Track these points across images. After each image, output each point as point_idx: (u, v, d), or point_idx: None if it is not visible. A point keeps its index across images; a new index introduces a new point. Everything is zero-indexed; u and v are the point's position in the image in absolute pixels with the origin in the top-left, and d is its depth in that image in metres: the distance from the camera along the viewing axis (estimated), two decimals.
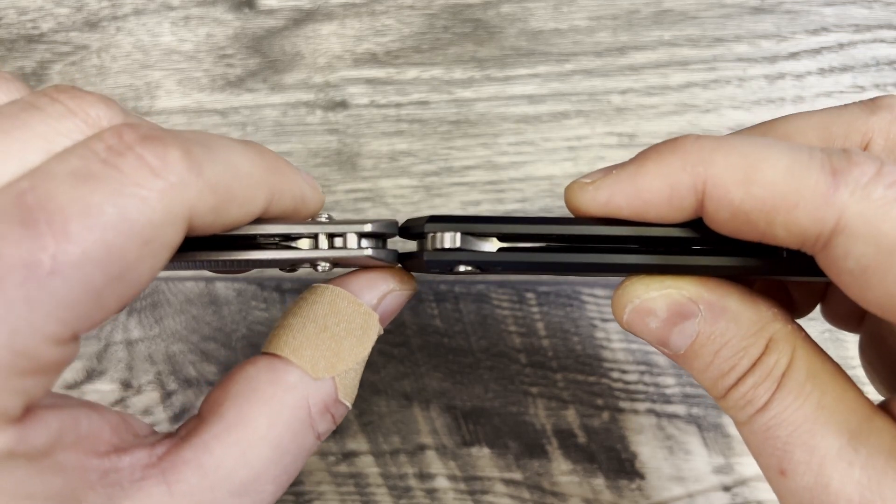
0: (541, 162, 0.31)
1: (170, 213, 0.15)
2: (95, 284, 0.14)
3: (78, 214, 0.14)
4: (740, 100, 0.30)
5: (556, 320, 0.32)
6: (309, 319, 0.19)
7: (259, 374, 0.19)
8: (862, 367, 0.24)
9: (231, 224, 0.17)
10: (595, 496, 0.32)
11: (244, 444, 0.18)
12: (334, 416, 0.19)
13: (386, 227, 0.20)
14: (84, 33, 0.34)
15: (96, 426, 0.17)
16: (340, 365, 0.19)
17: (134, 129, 0.15)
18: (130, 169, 0.15)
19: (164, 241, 0.15)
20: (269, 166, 0.18)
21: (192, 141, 0.16)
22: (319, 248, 0.19)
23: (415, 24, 0.32)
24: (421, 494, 0.33)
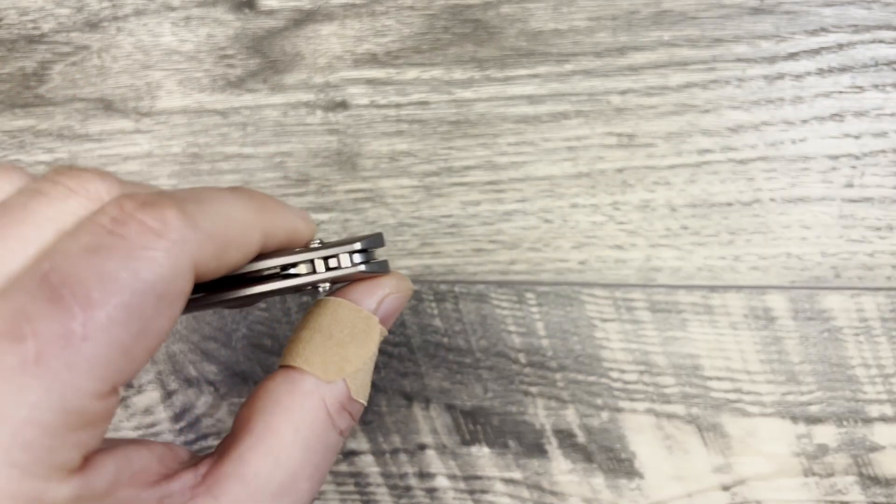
0: (540, 162, 0.32)
1: (176, 266, 0.17)
2: (123, 341, 0.16)
3: (97, 283, 0.16)
4: (739, 100, 0.30)
5: (556, 320, 0.32)
6: (315, 330, 0.21)
7: (278, 387, 0.21)
8: None
9: (233, 265, 0.19)
10: (594, 495, 0.32)
11: (276, 451, 0.20)
12: (352, 413, 0.21)
13: (373, 242, 0.22)
14: (85, 34, 0.34)
15: (146, 460, 0.19)
16: (349, 367, 0.21)
17: (132, 199, 0.17)
18: (135, 235, 0.17)
19: (176, 292, 0.17)
20: (259, 208, 0.20)
21: (186, 199, 0.18)
22: (317, 272, 0.21)
23: (415, 25, 0.32)
24: (421, 494, 0.33)
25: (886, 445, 0.31)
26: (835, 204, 0.30)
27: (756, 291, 0.31)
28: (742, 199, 0.31)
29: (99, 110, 0.34)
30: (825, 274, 0.30)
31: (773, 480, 0.31)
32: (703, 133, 0.31)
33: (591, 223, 0.31)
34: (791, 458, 0.31)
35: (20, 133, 0.34)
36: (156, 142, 0.34)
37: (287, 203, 0.22)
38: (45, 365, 0.15)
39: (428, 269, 0.32)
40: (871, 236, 0.30)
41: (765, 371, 0.31)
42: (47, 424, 0.15)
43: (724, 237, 0.31)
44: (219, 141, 0.33)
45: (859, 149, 0.30)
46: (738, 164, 0.31)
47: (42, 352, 0.15)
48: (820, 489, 0.31)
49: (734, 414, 0.31)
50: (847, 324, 0.30)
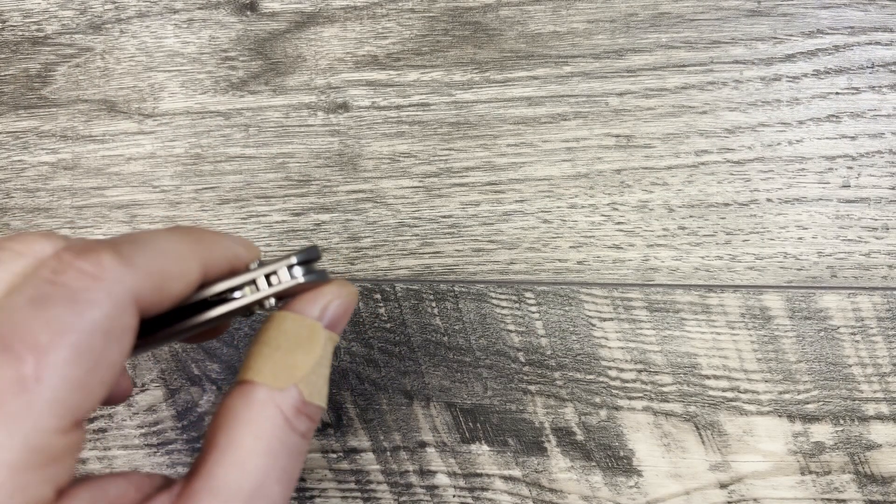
0: (539, 163, 0.32)
1: (117, 304, 0.18)
2: (76, 379, 0.18)
3: (44, 329, 0.17)
4: (737, 101, 0.31)
5: (555, 319, 0.32)
6: (262, 343, 0.22)
7: (235, 402, 0.21)
8: None
9: (177, 296, 0.21)
10: (593, 493, 0.32)
11: (240, 461, 0.21)
12: (309, 416, 0.22)
13: (308, 254, 0.23)
14: (88, 36, 0.34)
15: (122, 489, 0.20)
16: (298, 373, 0.22)
17: (69, 250, 0.19)
18: (74, 281, 0.18)
19: (122, 327, 0.19)
20: (195, 240, 0.22)
21: (121, 242, 0.20)
22: (261, 290, 0.22)
23: (415, 27, 0.32)
24: (421, 491, 0.33)
25: (883, 443, 0.31)
26: (831, 204, 0.31)
27: (753, 291, 0.31)
28: (739, 200, 0.31)
29: (102, 112, 0.34)
30: (822, 274, 0.31)
31: (770, 478, 0.32)
32: (701, 134, 0.31)
33: (589, 223, 0.32)
34: (788, 456, 0.31)
35: (24, 134, 0.35)
36: (159, 143, 0.34)
37: (228, 234, 0.23)
38: (4, 410, 0.17)
39: (428, 269, 0.33)
40: (868, 236, 0.30)
41: (762, 370, 0.31)
42: (14, 464, 0.17)
43: (721, 237, 0.31)
44: (221, 142, 0.33)
45: (855, 150, 0.30)
46: (735, 164, 0.31)
47: (0, 398, 0.17)
48: (817, 487, 0.31)
49: (731, 412, 0.32)
50: (843, 323, 0.31)
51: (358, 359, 0.33)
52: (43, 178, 0.35)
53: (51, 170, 0.35)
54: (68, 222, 0.35)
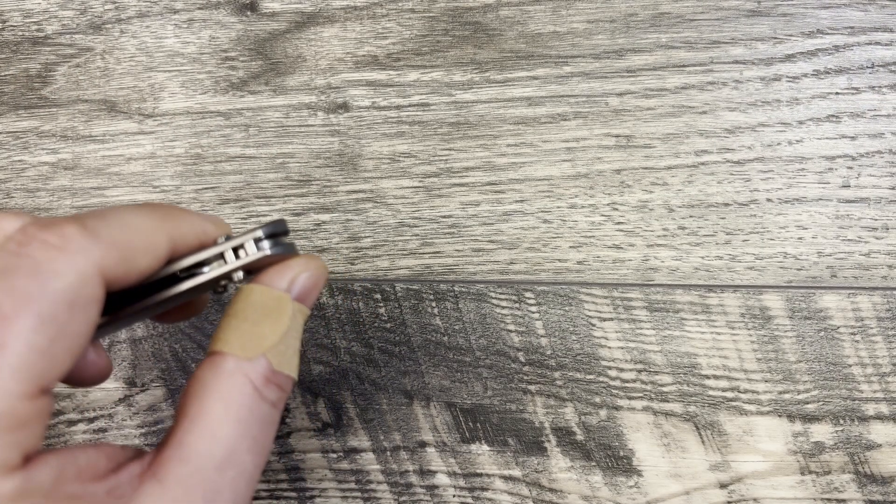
0: (539, 163, 0.32)
1: (81, 274, 0.19)
2: (40, 345, 0.18)
3: (8, 297, 0.18)
4: (736, 101, 0.31)
5: (555, 319, 0.32)
6: (231, 316, 0.23)
7: (205, 373, 0.22)
8: None
9: (145, 270, 0.21)
10: (593, 493, 0.33)
11: (210, 429, 0.21)
12: (279, 385, 0.22)
13: (276, 227, 0.23)
14: (88, 36, 0.34)
15: (93, 458, 0.20)
16: (266, 343, 0.22)
17: (35, 224, 0.19)
18: (39, 252, 0.19)
19: (86, 297, 0.19)
20: (163, 215, 0.22)
21: (87, 216, 0.20)
22: (228, 263, 0.22)
23: (415, 27, 0.32)
24: (421, 491, 0.33)
25: (883, 443, 0.31)
26: (831, 204, 0.31)
27: (753, 291, 0.31)
28: (739, 200, 0.31)
29: (102, 112, 0.34)
30: (821, 274, 0.31)
31: (770, 478, 0.32)
32: (701, 134, 0.31)
33: (589, 223, 0.32)
34: (788, 456, 0.31)
35: (24, 134, 0.35)
36: (159, 143, 0.34)
37: (198, 211, 0.23)
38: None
39: (428, 269, 0.33)
40: (867, 236, 0.30)
41: (762, 370, 0.31)
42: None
43: (721, 237, 0.31)
44: (221, 142, 0.33)
45: (855, 150, 0.30)
46: (734, 164, 0.31)
47: None
48: (817, 487, 0.31)
49: (731, 412, 0.32)
50: (843, 323, 0.31)
51: (358, 359, 0.33)
52: (43, 178, 0.35)
53: (51, 170, 0.35)
54: None
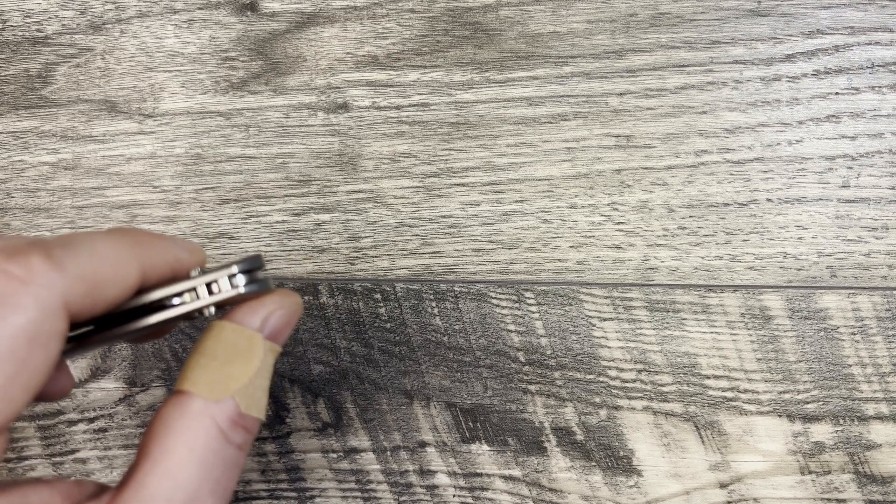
0: (539, 163, 0.32)
1: (45, 308, 0.18)
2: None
3: None
4: (736, 101, 0.31)
5: (555, 319, 0.32)
6: (200, 353, 0.22)
7: (170, 412, 0.21)
8: None
9: (112, 301, 0.20)
10: (593, 493, 0.33)
11: (173, 472, 0.20)
12: (246, 428, 0.22)
13: (251, 263, 0.22)
14: (88, 36, 0.34)
15: (45, 497, 0.20)
16: (234, 384, 0.21)
17: (0, 252, 0.18)
18: (2, 285, 0.18)
19: (48, 333, 0.18)
20: (133, 243, 0.21)
21: (53, 244, 0.19)
22: (200, 298, 0.22)
23: (415, 27, 0.32)
24: (421, 491, 0.33)
25: (882, 443, 0.31)
26: (831, 204, 0.31)
27: (753, 291, 0.31)
28: (739, 200, 0.31)
29: (103, 112, 0.34)
30: (821, 274, 0.31)
31: (769, 478, 0.32)
32: (701, 134, 0.31)
33: (589, 223, 0.32)
34: (788, 455, 0.31)
35: (24, 134, 0.35)
36: (159, 143, 0.34)
37: (171, 236, 0.23)
38: None
39: (428, 269, 0.33)
40: (867, 236, 0.31)
41: (761, 370, 0.31)
42: None
43: (721, 237, 0.31)
44: (221, 142, 0.34)
45: (855, 150, 0.30)
46: (734, 164, 0.31)
47: None
48: (817, 487, 0.31)
49: (731, 412, 0.32)
50: (843, 323, 0.31)
51: (358, 359, 0.33)
52: (43, 178, 0.35)
53: (51, 170, 0.35)
54: (69, 222, 0.35)
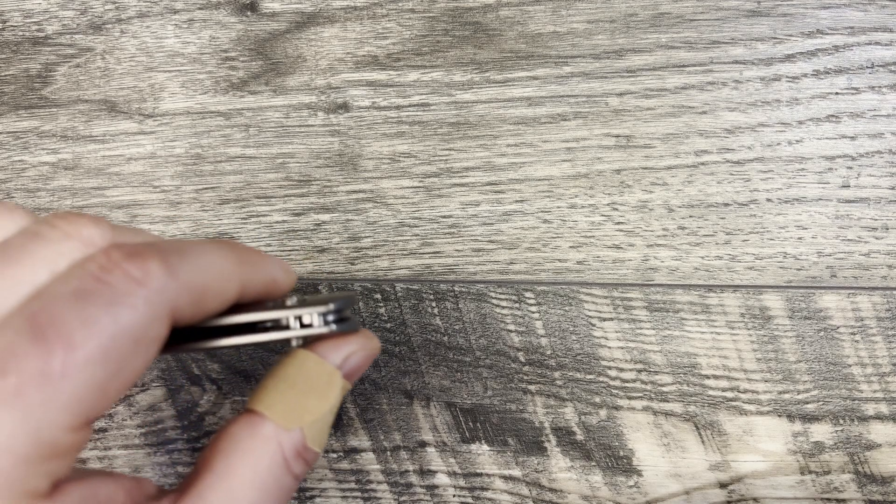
0: (539, 163, 0.32)
1: (154, 314, 0.18)
2: (98, 380, 0.18)
3: (79, 326, 0.17)
4: (736, 101, 0.31)
5: (555, 319, 0.32)
6: (281, 379, 0.22)
7: (240, 430, 0.22)
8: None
9: (210, 313, 0.21)
10: (593, 493, 0.33)
11: (234, 491, 0.21)
12: (307, 460, 0.22)
13: (346, 303, 0.23)
14: (88, 36, 0.34)
15: (112, 492, 0.20)
16: (307, 417, 0.22)
17: (120, 249, 0.19)
18: (118, 282, 0.18)
19: (151, 337, 0.19)
20: (238, 260, 0.21)
21: (169, 251, 0.19)
22: (290, 329, 0.22)
23: (415, 28, 0.32)
24: (421, 491, 0.33)
25: (882, 443, 0.31)
26: (831, 204, 0.31)
27: (753, 291, 0.31)
28: (739, 200, 0.31)
29: (103, 112, 0.34)
30: (821, 274, 0.31)
31: (769, 478, 0.32)
32: (700, 134, 0.31)
33: (589, 223, 0.32)
34: (788, 455, 0.31)
35: (24, 134, 0.35)
36: (159, 143, 0.34)
37: (268, 255, 0.23)
38: (24, 399, 0.17)
39: (428, 269, 0.33)
40: (867, 236, 0.31)
41: (761, 370, 0.31)
42: (21, 454, 0.17)
43: (721, 237, 0.31)
44: (221, 142, 0.34)
45: (855, 150, 0.30)
46: (734, 165, 0.31)
47: (22, 387, 0.17)
48: (816, 487, 0.31)
49: (731, 412, 0.32)
50: (843, 323, 0.31)
51: None
52: (43, 178, 0.35)
53: (51, 170, 0.35)
54: None
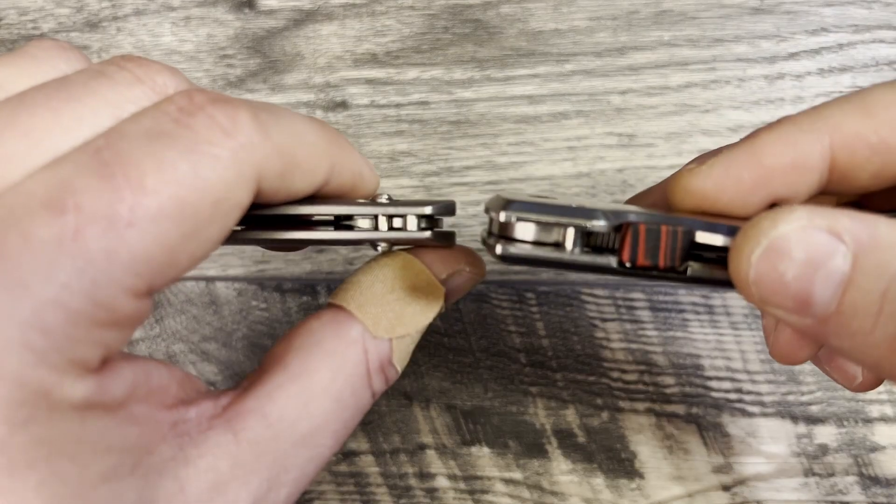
0: (540, 162, 0.32)
1: (240, 172, 0.15)
2: (170, 239, 0.14)
3: (153, 169, 0.14)
4: (740, 100, 0.30)
5: (556, 320, 0.32)
6: (378, 279, 0.19)
7: (323, 327, 0.19)
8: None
9: (295, 193, 0.17)
10: (595, 496, 0.32)
11: (307, 395, 0.18)
12: (387, 377, 0.19)
13: (444, 209, 0.20)
14: (85, 34, 0.34)
15: (165, 380, 0.17)
16: (400, 328, 0.19)
17: (203, 93, 0.16)
18: (202, 128, 0.15)
19: (234, 202, 0.15)
20: (331, 139, 0.18)
21: (260, 108, 0.16)
22: (379, 230, 0.19)
23: (415, 25, 0.32)
24: (421, 494, 0.33)
25: (887, 445, 0.31)
26: None
27: None
28: None
29: None
30: None
31: (773, 480, 0.31)
32: (704, 133, 0.31)
33: None
34: (791, 458, 0.31)
35: None
36: None
37: (355, 148, 0.20)
38: (83, 244, 0.14)
39: None
40: None
41: (765, 371, 0.31)
42: (73, 310, 0.14)
43: None
44: None
45: None
46: None
47: (82, 229, 0.14)
48: (820, 489, 0.31)
49: (735, 414, 0.31)
50: None
51: None
52: None
53: None
54: None
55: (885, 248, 0.14)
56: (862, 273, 0.14)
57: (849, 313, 0.14)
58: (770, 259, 0.15)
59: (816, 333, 0.15)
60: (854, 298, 0.14)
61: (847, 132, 0.17)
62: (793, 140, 0.17)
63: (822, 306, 0.15)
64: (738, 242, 0.15)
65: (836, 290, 0.15)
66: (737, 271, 0.15)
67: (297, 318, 0.33)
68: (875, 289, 0.14)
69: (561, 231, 0.17)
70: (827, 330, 0.15)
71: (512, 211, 0.17)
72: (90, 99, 0.15)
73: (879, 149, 0.17)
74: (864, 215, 0.15)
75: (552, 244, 0.17)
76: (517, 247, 0.17)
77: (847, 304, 0.14)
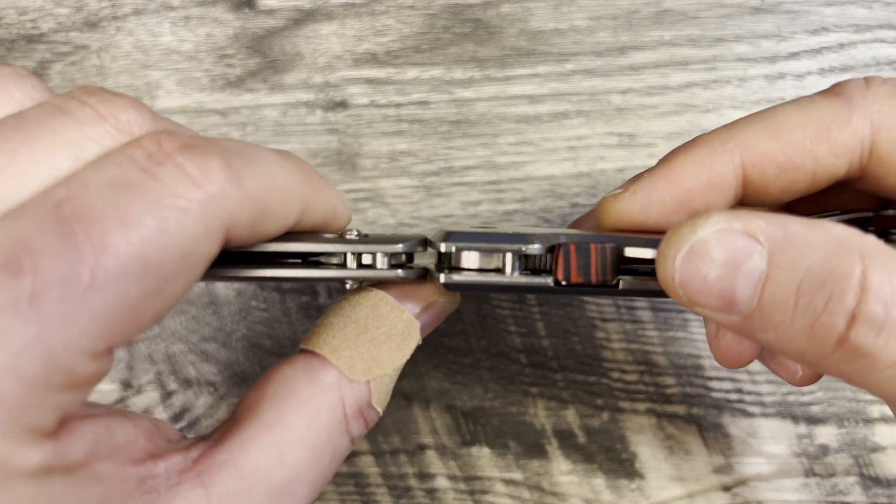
0: (541, 162, 0.32)
1: (209, 225, 0.15)
2: (132, 299, 0.14)
3: (117, 226, 0.13)
4: (740, 100, 0.30)
5: (556, 320, 0.32)
6: (350, 320, 0.19)
7: (296, 374, 0.18)
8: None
9: (266, 236, 0.17)
10: (595, 496, 0.32)
11: (282, 445, 0.17)
12: (367, 421, 0.19)
13: (414, 246, 0.20)
14: (84, 33, 0.34)
15: (130, 434, 0.17)
16: (377, 369, 0.19)
17: (173, 137, 0.15)
18: (170, 179, 0.14)
19: (201, 255, 0.15)
20: (305, 179, 0.18)
21: (232, 151, 0.16)
22: (348, 268, 0.19)
23: (415, 24, 0.32)
24: (421, 494, 0.33)
25: (887, 446, 0.31)
26: None
27: None
28: None
29: None
30: None
31: (774, 481, 0.31)
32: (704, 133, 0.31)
33: None
34: (792, 458, 0.31)
35: None
36: None
37: (329, 183, 0.20)
38: (40, 308, 0.13)
39: None
40: None
41: (766, 371, 0.31)
42: (28, 377, 0.13)
43: None
44: None
45: None
46: None
47: (39, 292, 0.13)
48: (821, 490, 0.31)
49: (735, 414, 0.31)
50: None
51: None
52: None
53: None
54: None
55: (797, 247, 0.15)
56: (778, 270, 0.15)
57: (769, 308, 0.15)
58: (692, 261, 0.16)
59: (744, 329, 0.16)
60: (773, 294, 0.15)
61: (756, 152, 0.18)
62: (708, 162, 0.18)
63: (744, 303, 0.16)
64: (663, 248, 0.16)
65: (755, 287, 0.15)
66: (664, 276, 0.16)
67: (297, 319, 0.33)
68: (790, 283, 0.15)
69: (500, 257, 0.18)
70: (752, 325, 0.16)
71: (452, 242, 0.18)
72: (49, 139, 0.14)
73: (787, 167, 0.18)
74: (778, 216, 0.16)
75: (494, 270, 0.18)
76: (462, 275, 0.18)
77: (767, 300, 0.15)
